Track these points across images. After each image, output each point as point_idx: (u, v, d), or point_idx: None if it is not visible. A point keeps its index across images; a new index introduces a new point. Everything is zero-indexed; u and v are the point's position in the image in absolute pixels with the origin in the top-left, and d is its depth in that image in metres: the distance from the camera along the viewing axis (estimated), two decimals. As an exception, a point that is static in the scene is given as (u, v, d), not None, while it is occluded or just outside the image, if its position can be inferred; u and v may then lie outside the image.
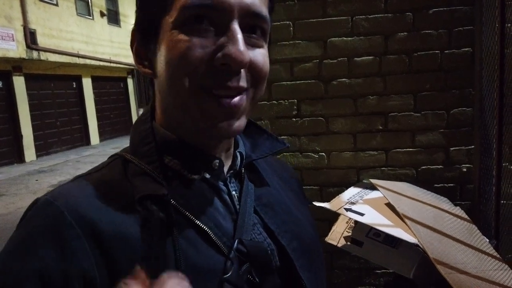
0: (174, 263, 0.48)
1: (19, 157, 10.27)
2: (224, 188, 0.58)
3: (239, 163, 0.60)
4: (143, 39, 0.53)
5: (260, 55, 0.52)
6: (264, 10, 0.51)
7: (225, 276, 0.49)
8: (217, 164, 0.56)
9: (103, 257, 0.46)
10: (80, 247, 0.46)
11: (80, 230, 0.46)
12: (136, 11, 0.54)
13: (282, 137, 1.90)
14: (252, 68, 0.51)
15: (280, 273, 0.56)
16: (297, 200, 0.71)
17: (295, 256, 0.58)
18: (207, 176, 0.56)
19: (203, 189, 0.55)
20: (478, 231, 1.43)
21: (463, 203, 1.75)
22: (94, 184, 0.52)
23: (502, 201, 1.54)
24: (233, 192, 0.58)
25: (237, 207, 0.57)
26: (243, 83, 0.50)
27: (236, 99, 0.50)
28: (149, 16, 0.51)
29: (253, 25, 0.50)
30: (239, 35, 0.48)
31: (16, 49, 9.56)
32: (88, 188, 0.52)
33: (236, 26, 0.48)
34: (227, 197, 0.57)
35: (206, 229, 0.52)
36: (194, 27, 0.48)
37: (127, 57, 14.86)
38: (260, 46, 0.52)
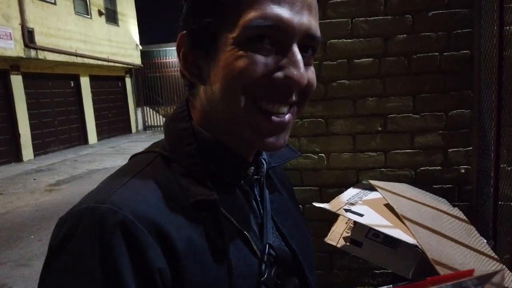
0: (227, 270, 0.50)
1: (17, 156, 10.24)
2: (252, 193, 0.60)
3: (265, 169, 0.62)
4: (195, 46, 0.52)
5: (312, 74, 0.53)
6: (318, 32, 0.52)
7: (262, 279, 0.53)
8: (252, 170, 0.59)
9: (173, 262, 0.47)
10: (156, 254, 0.46)
11: (152, 237, 0.46)
12: (186, 15, 0.53)
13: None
14: (305, 86, 0.52)
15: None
16: (293, 202, 0.75)
17: (302, 258, 0.62)
18: (242, 182, 0.59)
19: (238, 195, 0.58)
20: (476, 232, 1.45)
21: (461, 204, 1.77)
22: (150, 186, 0.51)
23: (500, 202, 1.56)
24: (258, 197, 0.62)
25: (261, 211, 0.60)
26: (292, 99, 0.52)
27: (286, 116, 0.52)
28: (206, 27, 0.50)
29: (307, 45, 0.52)
30: (300, 57, 0.49)
31: (14, 48, 9.52)
32: (145, 190, 0.50)
33: (296, 48, 0.50)
34: (254, 202, 0.60)
35: (247, 234, 0.55)
36: (256, 45, 0.48)
37: (125, 56, 14.84)
38: (311, 64, 0.54)
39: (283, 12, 0.48)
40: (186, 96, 0.60)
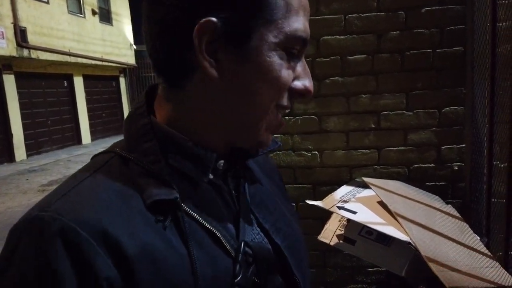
0: (191, 272, 0.47)
1: (9, 156, 10.15)
2: (225, 187, 0.57)
3: (240, 162, 0.60)
4: (224, 38, 0.47)
5: None
6: None
7: (235, 280, 0.49)
8: (222, 165, 0.55)
9: (125, 271, 0.43)
10: (102, 263, 0.42)
11: (98, 245, 0.42)
12: (217, 1, 0.48)
13: (275, 135, 1.89)
14: None
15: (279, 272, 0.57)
16: (281, 194, 0.71)
17: (289, 253, 0.58)
18: (211, 176, 0.54)
19: (208, 190, 0.54)
20: (469, 229, 1.44)
21: (454, 201, 1.76)
22: (99, 189, 0.48)
23: (493, 199, 1.56)
24: (232, 192, 0.58)
25: (237, 206, 0.57)
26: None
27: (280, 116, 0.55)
28: (245, 23, 0.47)
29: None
30: (307, 67, 0.54)
31: (6, 47, 9.44)
32: (93, 194, 0.47)
33: (302, 55, 0.53)
34: (228, 196, 0.56)
35: (216, 232, 0.51)
36: (289, 54, 0.50)
37: (119, 56, 14.78)
38: None
39: (307, 25, 0.51)
40: (146, 90, 0.56)
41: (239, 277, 0.50)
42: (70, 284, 0.41)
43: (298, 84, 0.52)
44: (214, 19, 0.46)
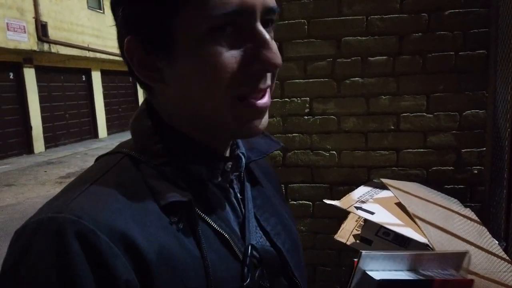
0: (205, 274, 0.47)
1: (28, 148, 10.37)
2: (231, 190, 0.57)
3: (243, 165, 0.59)
4: (151, 49, 0.47)
5: (277, 50, 0.49)
6: (275, 3, 0.48)
7: (244, 283, 0.49)
8: (229, 166, 0.55)
9: (143, 273, 0.43)
10: (121, 266, 0.41)
11: (117, 248, 0.41)
12: (129, 19, 0.48)
13: (294, 134, 1.91)
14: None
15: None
16: (280, 196, 0.71)
17: (289, 256, 0.58)
18: (219, 179, 0.54)
19: (216, 193, 0.54)
20: (488, 233, 1.44)
21: (473, 204, 1.75)
22: (113, 191, 0.46)
23: (512, 204, 1.55)
24: (238, 194, 0.58)
25: (243, 210, 0.57)
26: (270, 81, 0.50)
27: (266, 99, 0.50)
28: (158, 25, 0.45)
29: (267, 19, 0.48)
30: (268, 36, 0.46)
31: (27, 41, 9.64)
32: (108, 196, 0.46)
33: (261, 28, 0.46)
34: (234, 200, 0.56)
35: (225, 235, 0.51)
36: (221, 36, 0.45)
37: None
38: (272, 39, 0.49)
39: None
40: (147, 96, 0.56)
41: (248, 280, 0.49)
42: (90, 286, 0.40)
43: (253, 61, 0.46)
44: (131, 36, 0.47)
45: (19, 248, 0.42)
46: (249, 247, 0.52)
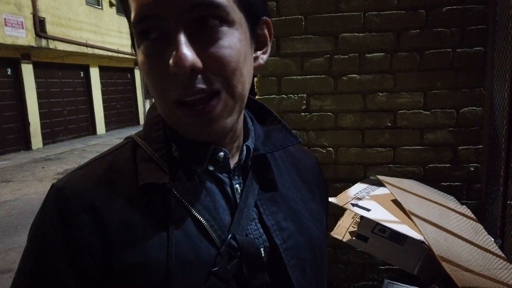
0: (166, 253, 0.49)
1: (26, 145, 10.34)
2: (227, 180, 0.57)
3: (244, 157, 0.59)
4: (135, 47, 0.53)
5: (222, 48, 0.47)
6: None
7: (213, 269, 0.50)
8: (222, 156, 0.56)
9: (104, 242, 0.49)
10: (86, 230, 0.49)
11: (86, 216, 0.49)
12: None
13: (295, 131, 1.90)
14: (211, 65, 0.46)
15: (271, 270, 0.55)
16: (309, 192, 0.68)
17: (288, 255, 0.56)
18: (211, 168, 0.56)
19: (206, 181, 0.55)
20: (484, 230, 1.44)
21: (469, 202, 1.76)
22: (103, 169, 0.54)
23: (508, 202, 1.55)
24: (236, 186, 0.57)
25: (238, 201, 0.56)
26: (203, 85, 0.47)
27: (210, 104, 0.48)
28: (130, 28, 0.51)
29: (203, 16, 0.46)
30: (179, 37, 0.45)
31: (25, 36, 9.60)
32: (96, 173, 0.53)
33: (175, 28, 0.45)
34: (229, 190, 0.56)
35: (202, 221, 0.52)
36: (148, 42, 0.47)
37: (135, 48, 14.85)
38: (218, 38, 0.46)
39: (142, 2, 0.45)
40: None
41: (217, 267, 0.50)
42: (59, 245, 0.49)
43: (170, 64, 0.45)
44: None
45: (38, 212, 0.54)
46: (229, 236, 0.52)
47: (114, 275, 0.48)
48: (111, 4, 13.28)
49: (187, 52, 0.44)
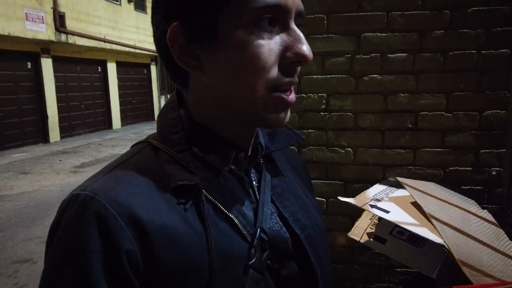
0: (207, 250, 0.50)
1: (44, 137, 10.55)
2: (246, 178, 0.60)
3: (260, 154, 0.63)
4: (194, 36, 0.51)
5: None
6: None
7: (250, 262, 0.53)
8: (243, 156, 0.59)
9: (145, 246, 0.48)
10: (125, 237, 0.47)
11: (123, 221, 0.48)
12: (174, 5, 0.51)
13: (309, 130, 1.90)
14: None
15: (295, 259, 0.59)
16: (305, 186, 0.74)
17: (307, 243, 0.61)
18: (233, 167, 0.58)
19: (230, 180, 0.58)
20: (505, 235, 1.42)
21: (490, 206, 1.73)
22: (130, 174, 0.53)
23: (531, 207, 1.52)
24: (254, 182, 0.61)
25: (257, 196, 0.60)
26: (296, 77, 0.54)
27: (292, 94, 0.54)
28: (204, 14, 0.49)
29: (297, 22, 0.53)
30: (301, 33, 0.51)
31: (45, 31, 9.77)
32: (125, 179, 0.52)
33: (294, 25, 0.51)
34: (249, 187, 0.60)
35: (233, 218, 0.54)
36: (261, 28, 0.49)
37: (152, 43, 14.87)
38: None
39: None
40: (177, 87, 0.60)
41: (253, 260, 0.53)
42: (97, 252, 0.47)
43: (289, 54, 0.50)
44: (176, 23, 0.50)
45: (57, 216, 0.51)
46: (258, 230, 0.55)
47: (158, 281, 0.48)
48: (129, 1, 13.42)
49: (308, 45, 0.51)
